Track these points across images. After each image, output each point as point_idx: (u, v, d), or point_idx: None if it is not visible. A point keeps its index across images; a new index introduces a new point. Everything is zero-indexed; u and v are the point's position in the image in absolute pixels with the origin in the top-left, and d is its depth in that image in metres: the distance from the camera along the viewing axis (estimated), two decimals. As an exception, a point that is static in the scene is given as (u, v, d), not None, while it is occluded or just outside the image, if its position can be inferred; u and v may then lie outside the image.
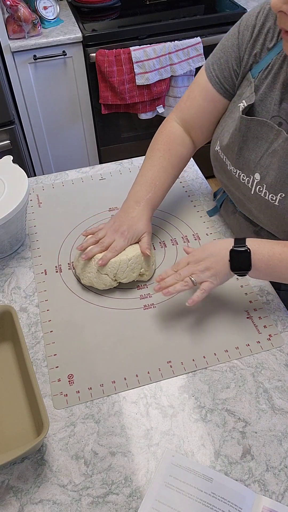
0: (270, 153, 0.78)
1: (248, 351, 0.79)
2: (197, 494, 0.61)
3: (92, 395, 0.74)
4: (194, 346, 0.80)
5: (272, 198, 0.79)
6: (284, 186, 0.77)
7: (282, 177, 0.77)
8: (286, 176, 0.76)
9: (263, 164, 0.80)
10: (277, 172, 0.77)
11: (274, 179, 0.78)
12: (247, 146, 0.82)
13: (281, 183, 0.77)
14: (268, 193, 0.80)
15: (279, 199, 0.78)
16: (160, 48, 1.88)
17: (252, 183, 0.82)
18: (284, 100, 0.76)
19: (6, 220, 0.88)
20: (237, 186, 0.87)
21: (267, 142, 0.79)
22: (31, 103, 2.00)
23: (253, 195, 0.83)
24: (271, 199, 0.79)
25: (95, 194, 1.14)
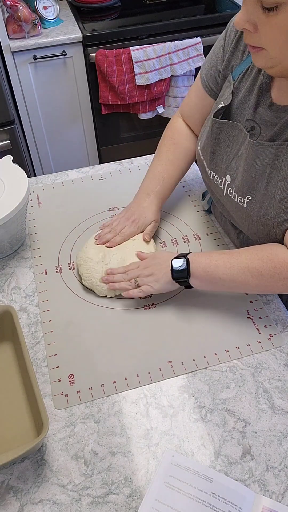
0: (239, 156, 0.79)
1: (248, 351, 0.79)
2: (197, 494, 0.61)
3: (93, 395, 0.74)
4: (195, 346, 0.80)
5: (241, 201, 0.80)
6: (250, 188, 0.77)
7: (247, 180, 0.77)
8: (251, 179, 0.77)
9: (233, 166, 0.81)
10: (243, 175, 0.78)
11: (241, 181, 0.79)
12: (220, 148, 0.83)
13: (247, 186, 0.78)
14: (237, 195, 0.80)
15: (247, 201, 0.78)
16: (160, 48, 1.88)
17: (224, 185, 0.84)
18: (259, 104, 0.77)
19: (6, 220, 0.88)
20: (214, 187, 0.89)
21: (237, 144, 0.80)
22: (31, 103, 2.00)
23: (225, 197, 0.84)
24: (239, 201, 0.80)
25: (95, 194, 1.14)
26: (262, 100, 0.76)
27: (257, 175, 0.76)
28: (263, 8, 0.58)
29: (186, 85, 2.04)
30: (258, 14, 0.60)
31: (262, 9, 0.59)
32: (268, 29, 0.60)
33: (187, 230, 1.03)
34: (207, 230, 1.03)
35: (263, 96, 0.76)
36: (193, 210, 1.08)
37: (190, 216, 1.07)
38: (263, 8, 0.59)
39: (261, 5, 0.59)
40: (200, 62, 1.97)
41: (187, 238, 1.01)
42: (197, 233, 1.02)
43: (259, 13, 0.60)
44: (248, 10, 0.61)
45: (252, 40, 0.65)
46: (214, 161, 0.85)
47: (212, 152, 0.85)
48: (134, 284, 0.85)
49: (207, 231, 1.02)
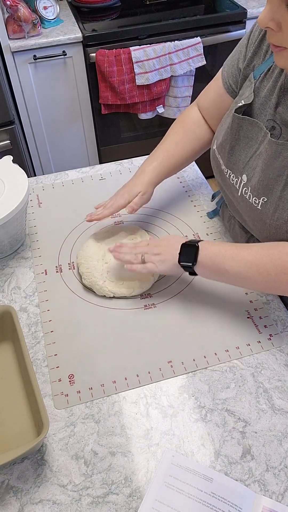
0: (257, 155, 0.78)
1: (248, 351, 0.79)
2: (197, 494, 0.61)
3: (93, 395, 0.74)
4: (195, 346, 0.80)
5: (255, 202, 0.78)
6: (266, 190, 0.76)
7: (264, 180, 0.76)
8: (268, 180, 0.75)
9: (250, 165, 0.80)
10: (260, 175, 0.76)
11: (257, 182, 0.77)
12: (239, 146, 0.82)
13: (263, 187, 0.76)
14: (252, 195, 0.79)
15: (262, 203, 0.77)
16: (160, 48, 1.87)
17: (239, 184, 0.82)
18: (280, 104, 0.76)
19: (6, 220, 0.88)
20: (228, 187, 0.87)
21: (257, 143, 0.78)
22: (31, 103, 2.00)
23: (240, 197, 0.83)
24: (254, 202, 0.79)
25: (95, 194, 1.14)
26: (283, 100, 0.75)
27: (274, 176, 0.74)
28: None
29: (186, 85, 2.04)
30: (283, 13, 0.59)
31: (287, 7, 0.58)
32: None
33: (187, 230, 1.03)
34: (207, 230, 1.03)
35: (284, 97, 0.75)
36: (193, 210, 1.08)
37: (190, 216, 1.07)
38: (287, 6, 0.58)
39: (286, 4, 0.58)
40: (200, 62, 1.96)
41: (186, 237, 1.01)
42: (197, 233, 1.02)
43: (283, 12, 0.59)
44: (272, 8, 0.60)
45: (275, 39, 0.64)
46: (232, 159, 0.84)
47: (230, 149, 0.83)
48: (139, 259, 0.84)
49: (207, 231, 1.02)
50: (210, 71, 2.07)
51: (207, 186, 1.16)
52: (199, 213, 1.07)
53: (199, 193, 1.13)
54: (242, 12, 1.95)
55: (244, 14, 1.95)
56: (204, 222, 1.05)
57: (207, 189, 1.15)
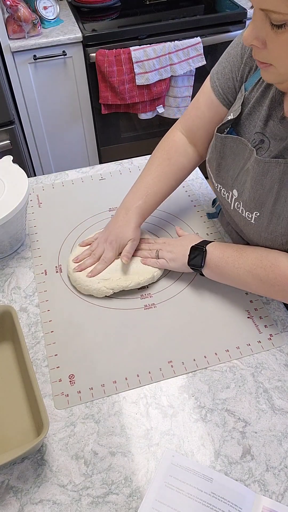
0: (245, 171, 0.78)
1: (249, 350, 0.79)
2: (197, 494, 0.61)
3: (93, 395, 0.74)
4: (195, 346, 0.80)
5: (249, 216, 0.78)
6: (258, 205, 0.76)
7: (255, 196, 0.75)
8: (258, 195, 0.75)
9: (239, 181, 0.79)
10: (251, 192, 0.76)
11: (248, 197, 0.77)
12: (225, 162, 0.82)
13: (254, 202, 0.76)
14: (244, 210, 0.79)
15: (255, 217, 0.77)
16: (160, 48, 1.88)
17: (231, 198, 0.82)
18: (271, 117, 0.74)
19: (6, 220, 0.88)
20: (221, 199, 0.87)
21: (243, 159, 0.78)
22: (31, 103, 2.00)
23: (233, 211, 0.83)
24: (247, 216, 0.79)
25: (95, 194, 1.14)
26: (274, 113, 0.74)
27: (264, 192, 0.74)
28: (272, 25, 0.58)
29: (186, 85, 2.04)
30: (267, 31, 0.59)
31: (271, 26, 0.58)
32: (277, 46, 0.60)
33: (187, 230, 1.03)
34: (207, 230, 1.03)
35: (275, 109, 0.74)
36: (193, 210, 1.08)
37: (191, 216, 1.07)
38: (271, 25, 0.58)
39: (270, 22, 0.58)
40: (200, 62, 1.96)
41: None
42: (197, 233, 1.02)
43: (267, 29, 0.59)
44: (256, 26, 0.60)
45: (261, 56, 0.64)
46: (220, 175, 0.84)
47: (217, 166, 0.83)
48: (154, 254, 0.91)
49: (208, 231, 1.03)
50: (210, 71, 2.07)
51: (207, 186, 1.16)
52: (199, 213, 1.07)
53: (199, 193, 1.14)
54: (242, 12, 1.95)
55: (244, 14, 1.95)
56: (204, 222, 1.05)
57: (207, 189, 1.15)
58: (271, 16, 0.57)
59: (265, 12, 0.57)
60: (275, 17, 0.56)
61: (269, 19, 0.58)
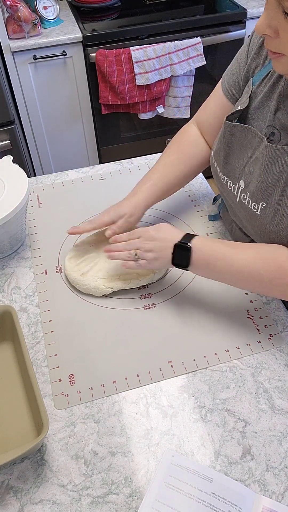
0: (253, 161, 0.78)
1: (249, 350, 0.79)
2: (197, 494, 0.61)
3: (93, 395, 0.74)
4: (195, 346, 0.80)
5: (255, 207, 0.78)
6: (265, 195, 0.75)
7: (262, 185, 0.75)
8: (266, 185, 0.75)
9: (247, 171, 0.79)
10: (258, 180, 0.76)
11: (255, 187, 0.77)
12: (233, 153, 0.82)
13: (262, 192, 0.76)
14: (251, 201, 0.78)
15: (261, 208, 0.76)
16: (160, 48, 1.88)
17: (237, 190, 0.82)
18: (279, 109, 0.75)
19: (6, 220, 0.88)
20: (227, 193, 0.87)
21: (251, 149, 0.78)
22: (31, 103, 2.00)
23: (238, 203, 0.83)
24: (253, 207, 0.78)
25: (95, 194, 1.14)
26: (283, 105, 0.74)
27: (272, 181, 0.74)
28: (285, 13, 0.58)
29: (186, 85, 2.04)
30: (280, 20, 0.59)
31: (284, 15, 0.58)
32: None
33: (188, 230, 1.03)
34: (207, 230, 1.03)
35: (283, 102, 0.74)
36: (193, 210, 1.08)
37: (191, 216, 1.07)
38: (284, 13, 0.58)
39: (282, 11, 0.58)
40: (200, 62, 1.96)
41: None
42: (197, 233, 1.02)
43: (280, 18, 0.59)
44: (269, 15, 0.61)
45: (273, 46, 0.64)
46: (227, 166, 0.83)
47: (225, 156, 0.83)
48: (132, 256, 0.83)
49: (207, 231, 1.03)
50: (210, 71, 2.07)
51: (207, 187, 1.16)
52: (199, 213, 1.08)
53: (200, 193, 1.14)
54: (242, 12, 1.95)
55: (244, 14, 1.95)
56: (204, 222, 1.05)
57: (207, 190, 1.15)
58: (284, 4, 0.57)
59: (278, 0, 0.57)
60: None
61: (282, 7, 0.58)
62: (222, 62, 0.92)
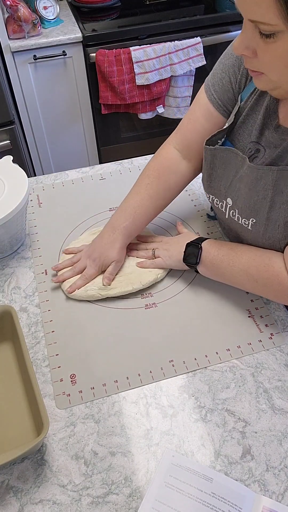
0: (238, 179, 0.78)
1: (250, 350, 0.79)
2: (197, 494, 0.61)
3: (95, 395, 0.74)
4: (196, 345, 0.80)
5: (245, 223, 0.78)
6: (253, 212, 0.76)
7: (250, 203, 0.76)
8: (253, 202, 0.75)
9: (233, 189, 0.79)
10: (245, 198, 0.76)
11: (243, 204, 0.77)
12: (216, 173, 0.82)
13: (250, 209, 0.76)
14: (240, 217, 0.79)
15: (251, 224, 0.77)
16: (160, 48, 1.88)
17: (225, 207, 0.82)
18: (266, 127, 0.75)
19: (6, 220, 0.88)
20: (216, 209, 0.87)
21: (234, 167, 0.78)
22: (31, 103, 2.00)
23: (228, 219, 0.83)
24: (244, 223, 0.79)
25: (95, 194, 1.14)
26: (269, 121, 0.74)
27: (259, 199, 0.74)
28: (261, 34, 0.58)
29: (186, 85, 2.04)
30: (257, 40, 0.59)
31: (260, 36, 0.58)
32: (267, 55, 0.60)
33: (188, 229, 1.03)
34: (208, 229, 1.03)
35: (270, 118, 0.74)
36: (193, 210, 1.08)
37: (191, 215, 1.07)
38: (261, 34, 0.58)
39: (259, 32, 0.58)
40: (200, 62, 1.96)
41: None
42: (198, 232, 1.02)
43: (257, 39, 0.59)
44: (246, 36, 0.61)
45: (252, 65, 0.64)
46: (212, 185, 0.84)
47: (208, 177, 0.84)
48: (150, 254, 0.92)
49: (208, 231, 1.03)
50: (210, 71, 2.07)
51: (207, 186, 1.16)
52: (200, 212, 1.08)
53: (200, 193, 1.14)
54: (242, 12, 1.95)
55: (244, 14, 1.95)
56: (205, 221, 1.05)
57: (207, 189, 1.15)
58: (260, 26, 0.57)
59: (254, 23, 0.57)
60: (264, 27, 0.56)
61: (258, 29, 0.58)
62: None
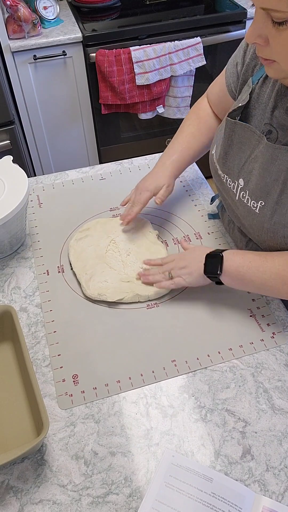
0: (252, 159, 0.78)
1: (251, 349, 0.79)
2: (197, 494, 0.61)
3: (97, 395, 0.74)
4: (198, 344, 0.80)
5: (254, 206, 0.78)
6: (264, 193, 0.76)
7: (262, 184, 0.76)
8: (265, 184, 0.75)
9: (246, 169, 0.80)
10: (258, 179, 0.76)
11: (255, 185, 0.77)
12: (232, 151, 0.82)
13: (261, 190, 0.76)
14: (250, 199, 0.79)
15: (259, 206, 0.77)
16: (160, 48, 1.87)
17: (237, 188, 0.82)
18: (276, 107, 0.76)
19: (6, 220, 0.88)
20: (226, 191, 0.87)
21: (250, 147, 0.79)
22: (31, 103, 2.00)
23: (238, 201, 0.83)
24: (252, 206, 0.79)
25: (95, 194, 1.14)
26: (280, 104, 0.75)
27: (271, 180, 0.74)
28: (274, 22, 0.59)
29: (186, 85, 2.04)
30: (269, 28, 0.60)
31: (273, 24, 0.59)
32: (279, 43, 0.61)
33: (189, 229, 1.03)
34: (208, 229, 1.03)
35: (281, 100, 0.75)
36: (194, 210, 1.08)
37: (191, 215, 1.07)
38: (273, 22, 0.59)
39: (271, 20, 0.59)
40: (200, 62, 1.96)
41: (188, 237, 1.01)
42: (198, 232, 1.02)
43: (269, 27, 0.60)
44: (258, 25, 0.61)
45: (264, 53, 0.65)
46: (227, 164, 0.84)
47: (224, 155, 0.84)
48: (167, 277, 0.87)
49: (208, 230, 1.03)
50: (210, 71, 2.07)
51: (207, 186, 1.16)
52: (200, 212, 1.08)
53: (200, 193, 1.14)
54: (242, 12, 1.95)
55: (244, 14, 1.95)
56: (205, 221, 1.05)
57: (207, 189, 1.15)
58: (272, 14, 0.58)
59: (266, 10, 0.58)
60: (276, 15, 0.57)
61: (271, 17, 0.58)
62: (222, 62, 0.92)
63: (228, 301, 0.87)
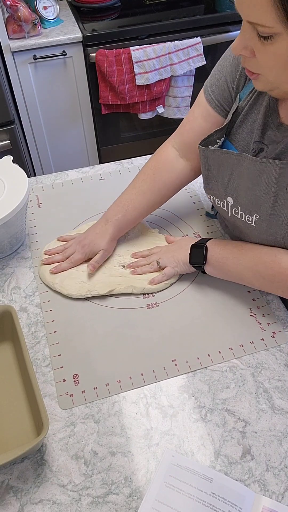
0: (236, 177, 0.78)
1: (252, 348, 0.79)
2: (197, 494, 0.61)
3: (98, 395, 0.74)
4: (199, 344, 0.80)
5: (249, 219, 0.78)
6: (256, 207, 0.76)
7: (252, 198, 0.76)
8: (256, 198, 0.75)
9: (231, 187, 0.79)
10: (247, 194, 0.76)
11: (245, 200, 0.77)
12: (212, 174, 0.82)
13: (253, 204, 0.76)
14: (244, 214, 0.79)
15: (255, 220, 0.77)
16: (160, 48, 1.88)
17: (227, 206, 0.83)
18: (268, 126, 0.75)
19: (6, 220, 0.88)
20: (218, 209, 0.87)
21: (229, 167, 0.78)
22: (31, 103, 2.00)
23: (231, 218, 0.83)
24: (247, 220, 0.79)
25: (95, 194, 1.14)
26: (270, 120, 0.75)
27: (261, 194, 0.74)
28: (259, 36, 0.59)
29: (186, 85, 2.04)
30: (255, 42, 0.60)
31: (259, 37, 0.59)
32: (265, 56, 0.61)
33: (188, 229, 1.03)
34: (207, 229, 1.03)
35: (270, 116, 0.74)
36: (193, 209, 1.08)
37: (191, 215, 1.07)
38: (259, 36, 0.59)
39: (257, 34, 0.59)
40: (200, 62, 1.96)
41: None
42: (198, 231, 1.02)
43: (255, 40, 0.60)
44: (245, 37, 0.62)
45: (250, 65, 0.65)
46: (210, 186, 0.84)
47: (205, 178, 0.84)
48: (156, 266, 0.90)
49: (207, 230, 1.03)
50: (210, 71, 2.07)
51: (207, 186, 1.16)
52: (199, 211, 1.08)
53: (200, 192, 1.14)
54: (242, 12, 1.95)
55: (244, 14, 1.95)
56: (205, 221, 1.05)
57: (207, 189, 1.15)
58: (258, 28, 0.58)
59: (252, 24, 0.58)
60: (261, 29, 0.58)
61: (257, 31, 0.59)
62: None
63: (228, 300, 0.87)
